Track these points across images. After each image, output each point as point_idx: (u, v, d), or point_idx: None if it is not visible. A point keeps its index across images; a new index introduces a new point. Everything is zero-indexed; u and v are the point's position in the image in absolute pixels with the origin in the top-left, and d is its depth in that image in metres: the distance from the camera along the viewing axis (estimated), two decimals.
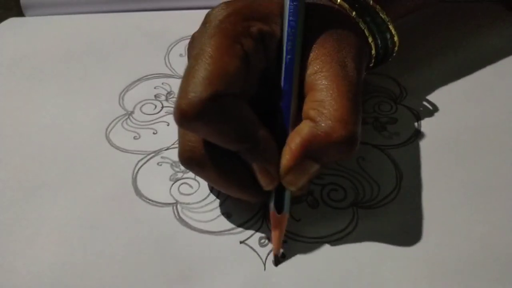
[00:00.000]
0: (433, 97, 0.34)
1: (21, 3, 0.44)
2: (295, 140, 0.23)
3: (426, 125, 0.32)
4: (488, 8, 0.42)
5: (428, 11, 0.42)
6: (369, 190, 0.28)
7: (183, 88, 0.23)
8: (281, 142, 0.24)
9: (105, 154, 0.31)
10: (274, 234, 0.25)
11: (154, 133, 0.33)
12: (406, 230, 0.26)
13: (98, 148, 0.32)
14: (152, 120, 0.34)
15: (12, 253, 0.26)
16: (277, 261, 0.25)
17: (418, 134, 0.31)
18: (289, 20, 0.25)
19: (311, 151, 0.23)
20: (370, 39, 0.28)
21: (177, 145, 0.31)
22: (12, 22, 0.44)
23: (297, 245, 0.26)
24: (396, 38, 0.30)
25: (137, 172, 0.30)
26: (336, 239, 0.26)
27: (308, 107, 0.24)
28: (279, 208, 0.25)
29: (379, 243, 0.26)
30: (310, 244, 0.26)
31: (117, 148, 0.32)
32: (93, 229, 0.27)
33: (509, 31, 0.39)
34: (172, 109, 0.34)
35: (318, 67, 0.25)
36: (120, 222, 0.28)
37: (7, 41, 0.42)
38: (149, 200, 0.29)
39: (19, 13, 0.45)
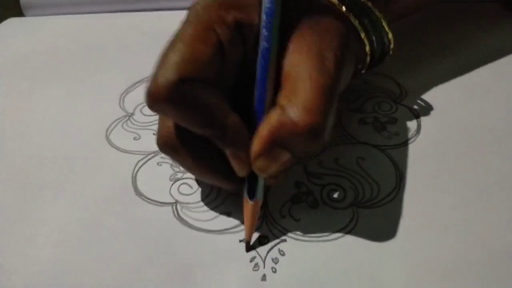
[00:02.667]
0: (433, 97, 0.34)
1: (21, 3, 0.44)
2: (264, 127, 0.23)
3: (426, 125, 0.32)
4: (488, 8, 0.42)
5: (428, 11, 0.42)
6: (369, 190, 0.28)
7: (154, 72, 0.23)
8: (255, 130, 0.24)
9: (105, 154, 0.31)
10: (246, 221, 0.26)
11: (154, 134, 0.33)
12: (406, 230, 0.26)
13: (98, 149, 0.32)
14: (152, 121, 0.34)
15: (12, 253, 0.26)
16: (248, 248, 0.26)
17: (418, 134, 0.31)
18: (265, 8, 0.25)
19: (279, 139, 0.23)
20: (362, 35, 0.28)
21: None
22: (12, 22, 0.44)
23: (297, 244, 0.26)
24: (390, 36, 0.29)
25: (137, 172, 0.30)
26: (336, 239, 0.26)
27: (281, 96, 0.24)
28: (252, 195, 0.25)
29: (379, 243, 0.26)
30: (310, 244, 0.26)
31: (117, 148, 0.32)
32: (93, 228, 0.27)
33: (508, 31, 0.39)
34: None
35: (296, 57, 0.24)
36: (120, 221, 0.28)
37: (7, 41, 0.42)
38: (149, 199, 0.29)
39: (19, 13, 0.45)
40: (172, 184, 0.29)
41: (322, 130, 0.23)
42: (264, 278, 0.25)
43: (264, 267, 0.25)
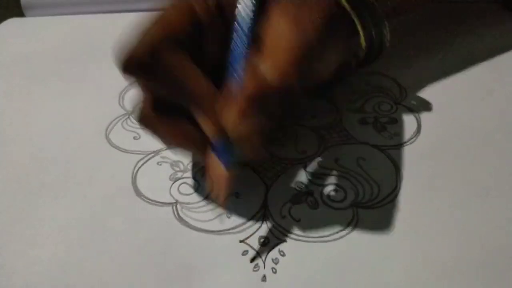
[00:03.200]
0: (433, 97, 0.34)
1: (21, 3, 0.44)
2: (239, 91, 0.24)
3: (426, 125, 0.32)
4: (488, 8, 0.42)
5: (428, 12, 0.42)
6: (369, 190, 0.28)
7: (131, 42, 0.24)
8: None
9: (105, 154, 0.31)
10: (220, 191, 0.26)
11: None
12: (406, 230, 0.26)
13: (98, 148, 0.32)
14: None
15: (13, 253, 0.26)
16: (223, 214, 0.27)
17: (418, 135, 0.31)
18: None
19: (252, 99, 0.23)
20: (358, 26, 0.27)
21: None
22: (13, 22, 0.44)
23: (297, 245, 0.26)
24: (386, 30, 0.29)
25: (136, 172, 0.30)
26: (336, 239, 0.26)
27: (256, 58, 0.24)
28: (226, 163, 0.25)
29: (379, 243, 0.26)
30: (310, 244, 0.26)
31: (117, 148, 0.32)
32: (92, 228, 0.27)
33: (508, 31, 0.39)
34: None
35: (274, 23, 0.25)
36: (120, 221, 0.28)
37: (7, 42, 0.42)
38: (149, 199, 0.29)
39: (19, 13, 0.45)
40: (172, 184, 0.29)
41: (294, 90, 0.24)
42: (264, 278, 0.25)
43: (264, 267, 0.25)
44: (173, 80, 0.25)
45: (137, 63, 0.24)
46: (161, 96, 0.26)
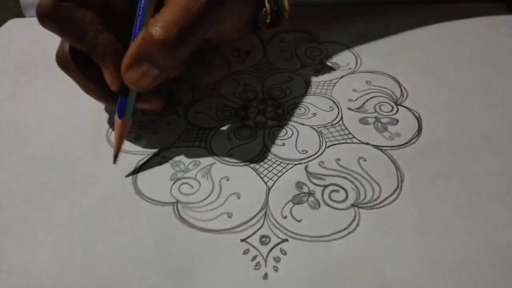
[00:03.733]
0: (434, 97, 0.34)
1: (21, 4, 0.44)
2: (133, 43, 0.27)
3: (427, 126, 0.32)
4: (488, 8, 0.42)
5: (429, 12, 0.42)
6: (370, 191, 0.28)
7: None
8: None
9: (106, 155, 0.31)
10: (114, 137, 0.30)
11: (154, 133, 0.33)
12: (407, 231, 0.26)
13: (99, 149, 0.32)
14: (152, 120, 0.34)
15: (13, 253, 0.26)
16: (115, 160, 0.30)
17: (419, 135, 0.31)
18: None
19: (142, 52, 0.27)
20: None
21: (177, 144, 0.32)
22: (15, 23, 0.44)
23: (298, 244, 0.26)
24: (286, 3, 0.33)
25: (137, 172, 0.30)
26: (337, 239, 0.26)
27: (153, 17, 0.28)
28: (121, 114, 0.29)
29: (380, 244, 0.26)
30: (311, 243, 0.26)
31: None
32: (93, 228, 0.27)
33: (509, 31, 0.39)
34: (173, 110, 0.34)
35: None
36: (120, 221, 0.28)
37: (9, 42, 0.42)
38: (150, 199, 0.29)
39: (19, 13, 0.45)
40: (173, 184, 0.29)
41: (176, 45, 0.27)
42: (265, 276, 0.25)
43: (265, 266, 0.25)
44: (76, 31, 0.28)
45: (43, 14, 0.28)
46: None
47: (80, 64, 0.30)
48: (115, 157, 0.30)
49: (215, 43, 0.32)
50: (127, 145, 0.32)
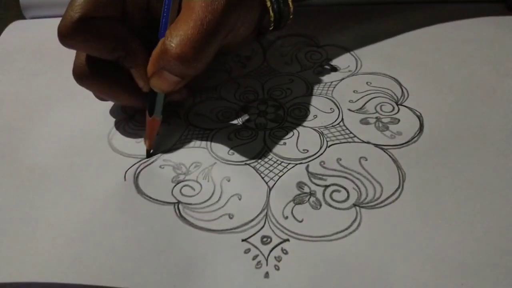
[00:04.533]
0: (435, 97, 0.34)
1: (20, 4, 0.44)
2: (153, 52, 0.28)
3: (428, 124, 0.32)
4: (488, 8, 0.42)
5: (428, 12, 0.42)
6: (371, 190, 0.28)
7: (64, 14, 0.28)
8: None
9: (108, 158, 0.31)
10: (147, 133, 0.31)
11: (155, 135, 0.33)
12: (409, 230, 0.26)
13: (101, 153, 0.32)
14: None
15: (13, 252, 0.26)
16: (148, 154, 0.31)
17: (420, 134, 0.31)
18: None
19: (162, 63, 0.28)
20: (267, 1, 0.32)
21: (178, 146, 0.32)
22: (18, 25, 0.44)
23: (300, 244, 0.26)
24: (291, 5, 0.33)
25: (138, 174, 0.30)
26: (339, 238, 0.26)
27: (170, 27, 0.28)
28: (151, 112, 0.30)
29: (382, 243, 0.26)
30: (313, 243, 0.26)
31: (120, 152, 0.32)
32: (94, 228, 0.27)
33: (509, 31, 0.39)
34: (174, 112, 0.34)
35: None
36: (121, 220, 0.27)
37: (13, 45, 0.42)
38: (151, 198, 0.29)
39: (19, 13, 0.45)
40: (174, 186, 0.29)
41: (191, 60, 0.27)
42: (267, 275, 0.25)
43: (266, 265, 0.25)
44: (104, 41, 0.29)
45: (71, 31, 0.28)
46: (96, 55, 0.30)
47: (101, 73, 0.30)
48: (148, 152, 0.31)
49: (222, 50, 0.32)
50: (128, 148, 0.32)
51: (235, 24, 0.30)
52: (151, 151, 0.31)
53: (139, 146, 0.32)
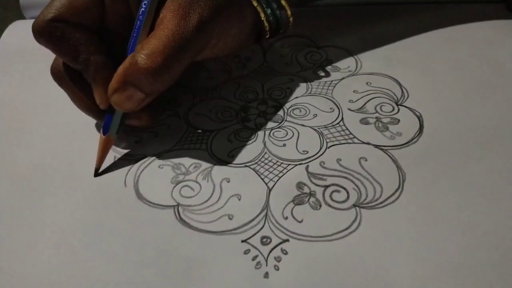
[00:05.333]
0: (435, 97, 0.34)
1: (20, 4, 0.44)
2: (120, 67, 0.28)
3: (428, 125, 0.32)
4: (488, 8, 0.42)
5: (428, 12, 0.42)
6: (371, 191, 0.28)
7: (40, 12, 0.29)
8: None
9: (107, 158, 0.31)
10: (98, 152, 0.30)
11: (155, 136, 0.33)
12: (409, 231, 0.26)
13: None
14: (154, 123, 0.34)
15: (13, 256, 0.26)
16: (96, 173, 0.30)
17: (420, 135, 0.31)
18: None
19: (129, 77, 0.27)
20: (255, 3, 0.32)
21: (178, 147, 0.32)
22: (19, 24, 0.44)
23: (299, 244, 0.26)
24: (289, 12, 0.33)
25: (139, 175, 0.30)
26: (338, 239, 0.26)
27: (142, 42, 0.28)
28: (105, 130, 0.30)
29: (382, 244, 0.26)
30: (312, 243, 0.26)
31: (119, 152, 0.32)
32: (94, 231, 0.27)
33: (509, 32, 0.39)
34: (172, 112, 0.34)
35: (165, 13, 0.28)
36: (121, 224, 0.27)
37: (14, 45, 0.42)
38: (150, 202, 0.28)
39: (19, 13, 0.45)
40: (174, 187, 0.29)
41: (161, 73, 0.27)
42: (266, 275, 0.25)
43: (266, 265, 0.25)
44: (69, 51, 0.29)
45: (37, 32, 0.28)
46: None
47: (73, 78, 0.30)
48: (96, 171, 0.30)
49: (212, 59, 0.32)
50: (128, 148, 0.32)
51: (209, 41, 0.29)
52: (99, 171, 0.30)
53: (139, 146, 0.32)
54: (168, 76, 0.28)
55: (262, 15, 0.32)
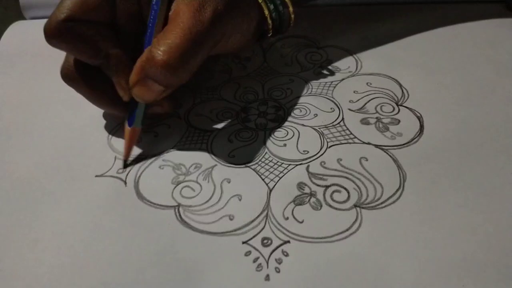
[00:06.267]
0: (435, 97, 0.34)
1: (20, 4, 0.44)
2: (138, 61, 0.28)
3: (428, 125, 0.32)
4: (488, 8, 0.42)
5: (429, 12, 0.42)
6: (372, 191, 0.28)
7: (51, 13, 0.28)
8: None
9: (107, 159, 0.31)
10: (125, 144, 0.31)
11: (155, 136, 0.33)
12: (410, 231, 0.26)
13: (101, 153, 0.32)
14: (153, 123, 0.34)
15: (14, 257, 0.26)
16: (125, 165, 0.31)
17: (420, 135, 0.31)
18: None
19: (147, 71, 0.27)
20: (262, 3, 0.32)
21: (178, 147, 0.32)
22: (19, 25, 0.44)
23: (300, 246, 0.26)
24: (291, 9, 0.33)
25: (139, 176, 0.30)
26: (339, 239, 0.26)
27: (157, 36, 0.28)
28: (131, 122, 0.30)
29: (383, 244, 0.26)
30: (313, 244, 0.26)
31: (119, 153, 0.32)
32: (94, 232, 0.27)
33: (509, 31, 0.39)
34: (174, 112, 0.34)
35: (179, 6, 0.28)
36: (122, 224, 0.27)
37: (14, 45, 0.42)
38: (151, 203, 0.28)
39: (19, 13, 0.45)
40: (175, 187, 0.29)
41: (177, 68, 0.27)
42: (267, 278, 0.25)
43: (267, 267, 0.25)
44: (88, 48, 0.29)
45: (51, 35, 0.28)
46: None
47: (86, 78, 0.30)
48: (125, 162, 0.31)
49: (220, 56, 0.32)
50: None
51: (223, 35, 0.30)
52: (128, 161, 0.31)
53: (139, 146, 0.32)
54: (184, 70, 0.28)
55: (266, 11, 0.33)
